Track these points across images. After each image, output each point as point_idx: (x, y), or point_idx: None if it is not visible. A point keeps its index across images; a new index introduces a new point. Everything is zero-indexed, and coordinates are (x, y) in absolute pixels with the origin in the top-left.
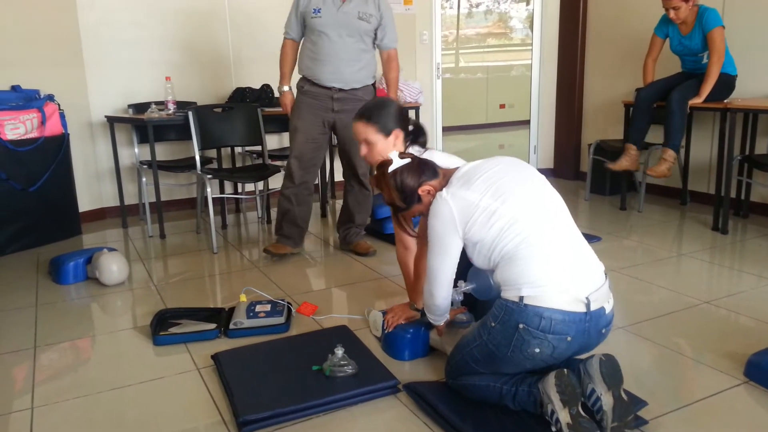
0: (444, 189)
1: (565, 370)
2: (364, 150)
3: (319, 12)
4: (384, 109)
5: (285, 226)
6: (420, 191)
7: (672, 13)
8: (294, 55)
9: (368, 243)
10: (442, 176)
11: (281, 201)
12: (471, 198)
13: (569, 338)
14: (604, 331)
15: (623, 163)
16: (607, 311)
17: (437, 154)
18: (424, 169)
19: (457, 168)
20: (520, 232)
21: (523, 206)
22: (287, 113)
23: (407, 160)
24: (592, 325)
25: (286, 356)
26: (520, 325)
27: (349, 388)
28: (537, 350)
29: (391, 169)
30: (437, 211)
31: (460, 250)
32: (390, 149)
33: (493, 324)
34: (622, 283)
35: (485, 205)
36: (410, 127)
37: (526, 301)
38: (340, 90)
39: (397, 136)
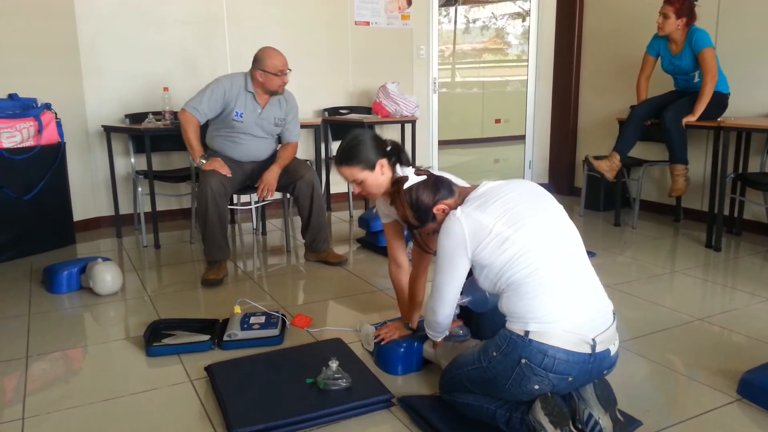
0: (459, 207)
1: (549, 393)
2: (357, 189)
3: (241, 117)
4: (359, 146)
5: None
6: (435, 210)
7: (660, 19)
8: (198, 130)
9: (339, 253)
10: (458, 195)
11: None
12: (485, 221)
13: (571, 378)
14: (606, 372)
15: (603, 166)
16: (612, 353)
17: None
18: (439, 187)
19: (473, 186)
20: (530, 263)
21: (536, 237)
22: (227, 174)
23: (423, 177)
24: (595, 366)
25: (280, 369)
26: (523, 360)
27: (343, 402)
28: (536, 387)
29: (406, 185)
30: (449, 229)
31: (468, 270)
32: (380, 179)
33: (495, 354)
34: (615, 299)
35: (498, 230)
36: (388, 148)
37: (531, 337)
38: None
39: (383, 165)
